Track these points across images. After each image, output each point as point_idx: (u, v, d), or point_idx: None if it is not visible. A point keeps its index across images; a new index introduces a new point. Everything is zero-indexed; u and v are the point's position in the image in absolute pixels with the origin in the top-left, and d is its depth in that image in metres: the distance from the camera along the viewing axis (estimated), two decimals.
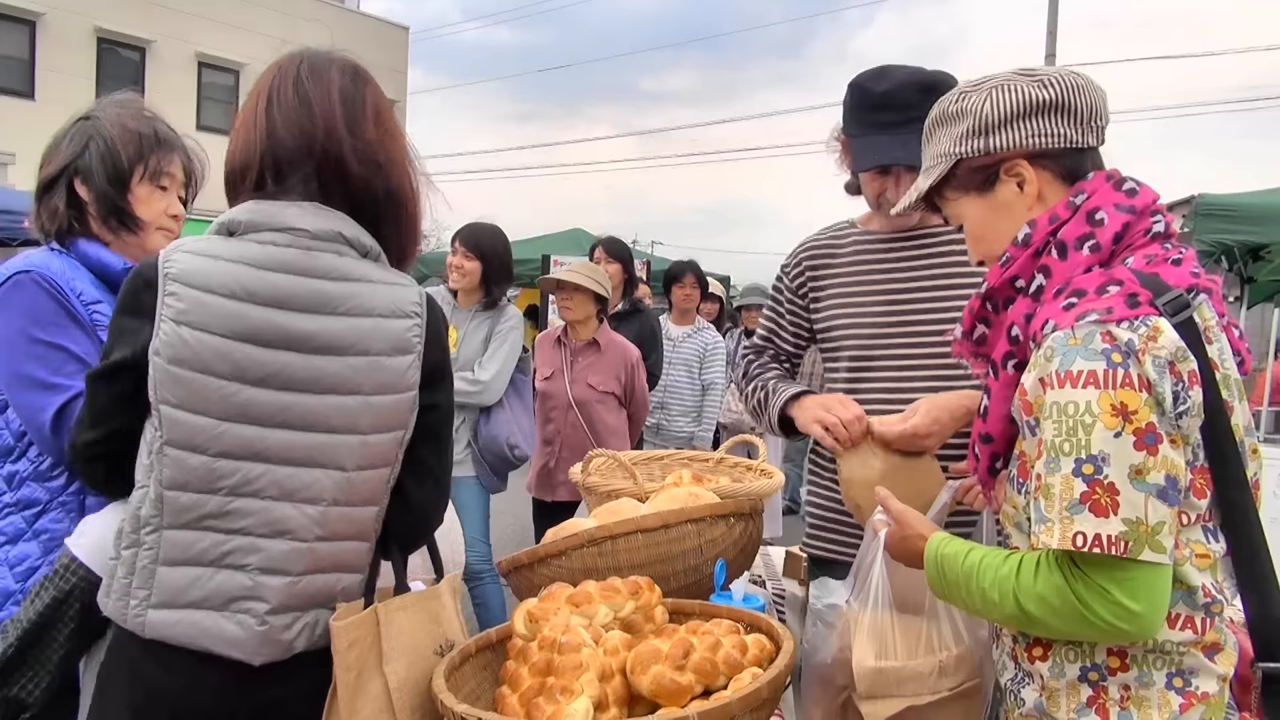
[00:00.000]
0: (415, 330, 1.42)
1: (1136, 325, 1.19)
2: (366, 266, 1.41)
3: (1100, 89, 1.37)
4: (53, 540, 1.67)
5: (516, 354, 3.76)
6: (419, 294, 1.45)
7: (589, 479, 2.24)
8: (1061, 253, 1.30)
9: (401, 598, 1.45)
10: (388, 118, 1.47)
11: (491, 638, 1.49)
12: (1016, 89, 1.35)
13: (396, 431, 1.41)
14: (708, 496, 1.85)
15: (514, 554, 1.73)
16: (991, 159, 1.38)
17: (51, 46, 18.59)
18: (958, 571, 1.34)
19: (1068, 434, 1.18)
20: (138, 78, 19.14)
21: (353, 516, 1.40)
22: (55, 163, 1.81)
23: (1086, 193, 1.32)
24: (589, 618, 1.40)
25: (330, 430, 1.35)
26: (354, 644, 1.35)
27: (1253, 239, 6.19)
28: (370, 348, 1.37)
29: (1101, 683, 1.26)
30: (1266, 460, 1.46)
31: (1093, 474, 1.16)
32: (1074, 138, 1.35)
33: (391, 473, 1.42)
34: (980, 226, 1.43)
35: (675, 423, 5.26)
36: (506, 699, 1.30)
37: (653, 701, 1.28)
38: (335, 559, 1.40)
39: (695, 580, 1.70)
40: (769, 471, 2.39)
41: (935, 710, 1.51)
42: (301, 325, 1.34)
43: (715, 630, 1.37)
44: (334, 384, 1.35)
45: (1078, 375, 1.18)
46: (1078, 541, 1.16)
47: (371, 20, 24.56)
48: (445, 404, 1.50)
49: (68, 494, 1.69)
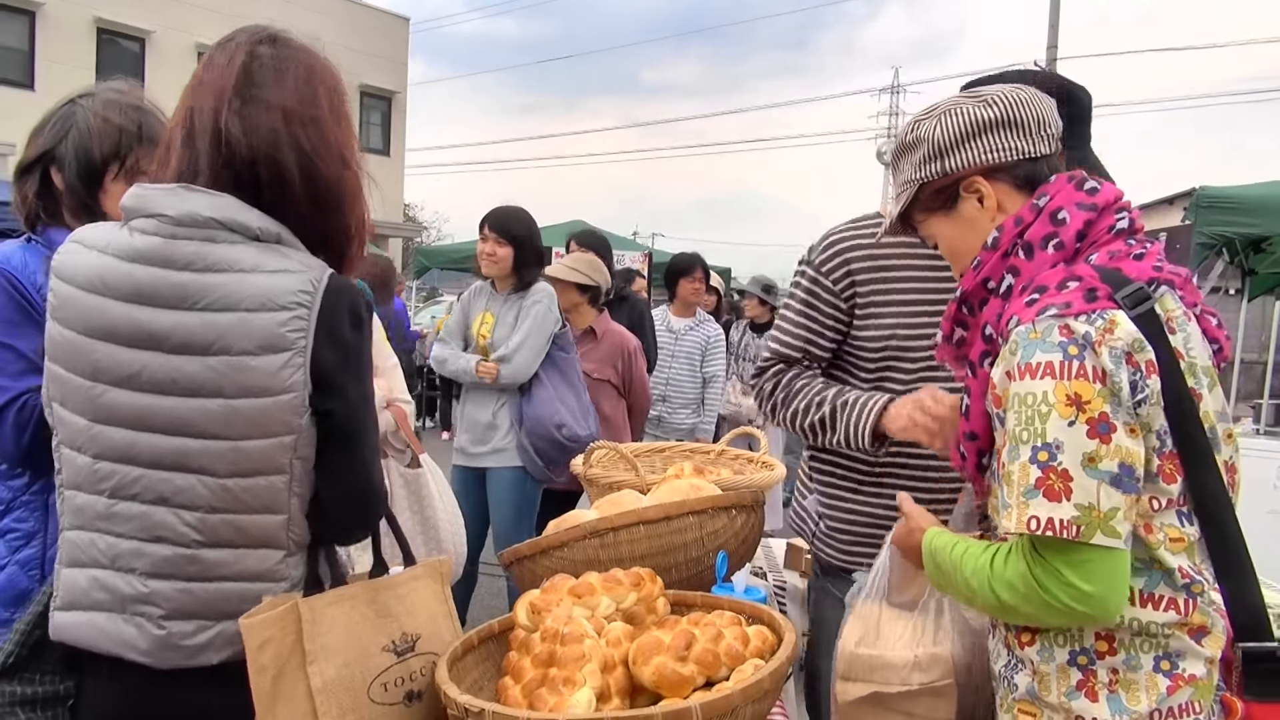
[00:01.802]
0: (295, 325, 1.25)
1: (1094, 318, 1.24)
2: (247, 253, 1.27)
3: (1046, 100, 1.47)
4: (18, 539, 1.66)
5: (546, 328, 3.63)
6: (311, 282, 1.27)
7: (590, 470, 2.25)
8: (1028, 253, 1.37)
9: (338, 590, 1.35)
10: (308, 87, 1.34)
11: (494, 629, 1.49)
12: (962, 111, 1.45)
13: (280, 437, 1.27)
14: (709, 488, 1.85)
15: (516, 545, 1.73)
16: (950, 179, 1.47)
17: (51, 37, 18.56)
18: (947, 561, 1.40)
19: (1026, 423, 1.24)
20: (138, 68, 19.12)
21: (242, 525, 1.29)
22: (35, 147, 1.76)
23: (1049, 195, 1.39)
24: (591, 609, 1.40)
25: (196, 435, 1.26)
26: (268, 643, 1.23)
27: (1253, 231, 6.18)
28: (231, 346, 1.24)
29: (1090, 666, 1.29)
30: (1269, 453, 1.48)
31: (1047, 460, 1.21)
32: (1024, 149, 1.44)
33: (290, 480, 1.29)
34: (951, 243, 1.52)
35: (676, 415, 5.25)
36: (509, 690, 1.30)
37: (655, 693, 1.28)
38: (234, 568, 1.29)
39: (697, 572, 1.70)
40: (770, 464, 2.40)
41: (903, 700, 1.56)
42: (159, 322, 1.25)
43: (717, 622, 1.37)
44: (193, 386, 1.25)
45: (1036, 367, 1.24)
46: (1031, 525, 1.21)
47: (372, 11, 24.48)
48: (350, 404, 1.32)
49: (31, 492, 1.67)
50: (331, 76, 1.39)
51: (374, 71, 22.87)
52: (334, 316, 1.28)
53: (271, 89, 1.31)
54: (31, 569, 1.67)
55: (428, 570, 1.47)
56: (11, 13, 18.29)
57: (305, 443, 1.29)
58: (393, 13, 25.59)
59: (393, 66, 24.68)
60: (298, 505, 1.32)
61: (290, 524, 1.32)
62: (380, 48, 23.35)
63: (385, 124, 24.98)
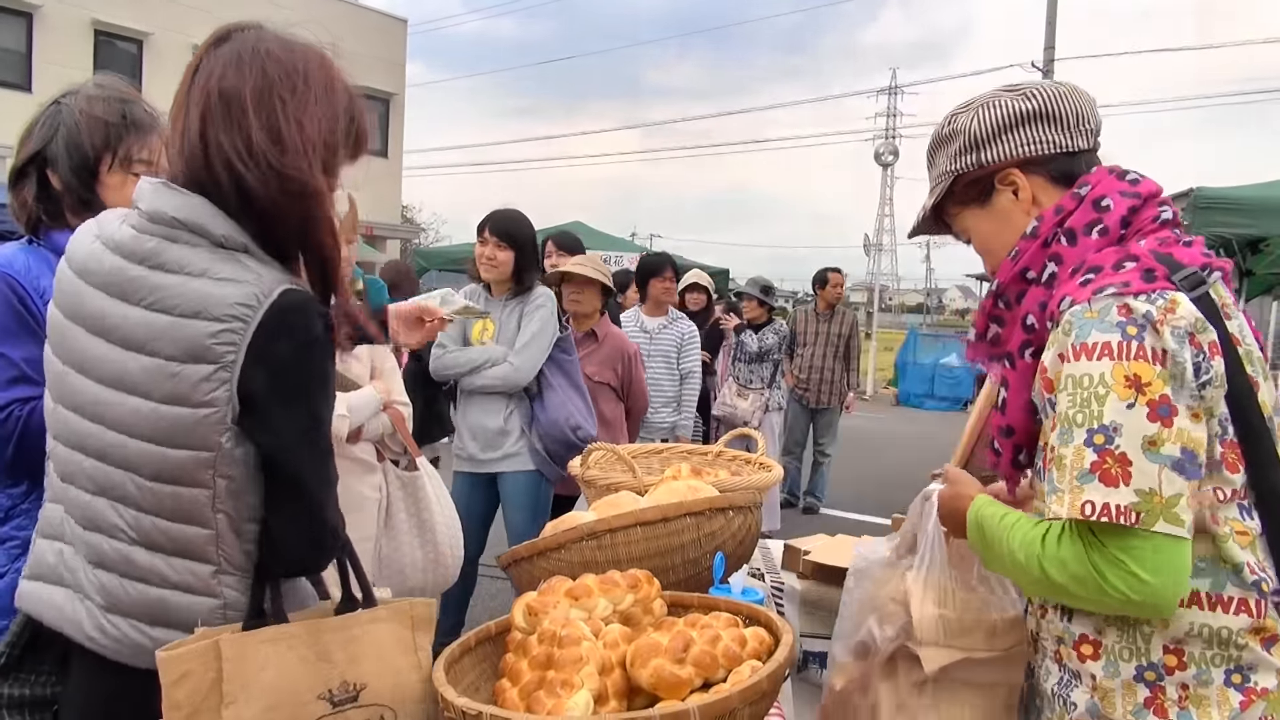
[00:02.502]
0: (226, 338, 1.18)
1: (1154, 298, 1.20)
2: (200, 257, 1.22)
3: (1086, 96, 1.44)
4: (17, 547, 1.65)
5: (548, 331, 3.61)
6: (255, 296, 1.19)
7: (588, 472, 2.25)
8: (1070, 239, 1.33)
9: (277, 628, 1.24)
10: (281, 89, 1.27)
11: (491, 630, 1.49)
12: (1001, 104, 1.43)
13: (198, 452, 1.21)
14: (707, 490, 1.85)
15: (513, 548, 1.73)
16: (985, 171, 1.45)
17: (48, 39, 18.52)
18: (995, 530, 1.35)
19: (1081, 405, 1.19)
20: (135, 70, 19.09)
21: (169, 532, 1.25)
22: (26, 150, 1.75)
23: (1090, 184, 1.37)
24: (588, 611, 1.40)
25: (130, 434, 1.23)
26: (184, 678, 1.16)
27: (1251, 232, 6.19)
28: (159, 349, 1.20)
29: (1159, 682, 1.24)
30: None
31: (1104, 444, 1.17)
32: (1062, 142, 1.41)
33: (213, 496, 1.23)
34: (985, 237, 1.49)
35: (657, 414, 5.24)
36: (506, 692, 1.30)
37: (652, 694, 1.28)
38: (165, 575, 1.26)
39: (694, 573, 1.70)
40: (767, 465, 2.40)
41: (984, 668, 1.51)
42: (111, 314, 1.24)
43: (714, 623, 1.37)
44: (130, 383, 1.22)
45: (1093, 347, 1.20)
46: (1085, 510, 1.17)
47: (370, 13, 24.46)
48: (280, 435, 1.23)
49: (30, 501, 1.66)
50: (308, 80, 1.30)
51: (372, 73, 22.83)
52: (273, 336, 1.20)
53: (243, 94, 1.25)
54: None
55: (393, 613, 1.34)
56: (8, 14, 18.25)
57: (227, 462, 1.22)
58: (390, 14, 25.58)
59: (391, 68, 24.64)
60: (226, 523, 1.25)
61: (219, 541, 1.25)
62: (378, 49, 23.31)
63: (383, 126, 24.92)
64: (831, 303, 7.72)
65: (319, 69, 1.32)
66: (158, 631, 1.26)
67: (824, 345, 7.54)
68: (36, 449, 1.58)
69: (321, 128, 1.30)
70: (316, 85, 1.30)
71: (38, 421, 1.58)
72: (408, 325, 2.07)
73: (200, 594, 1.27)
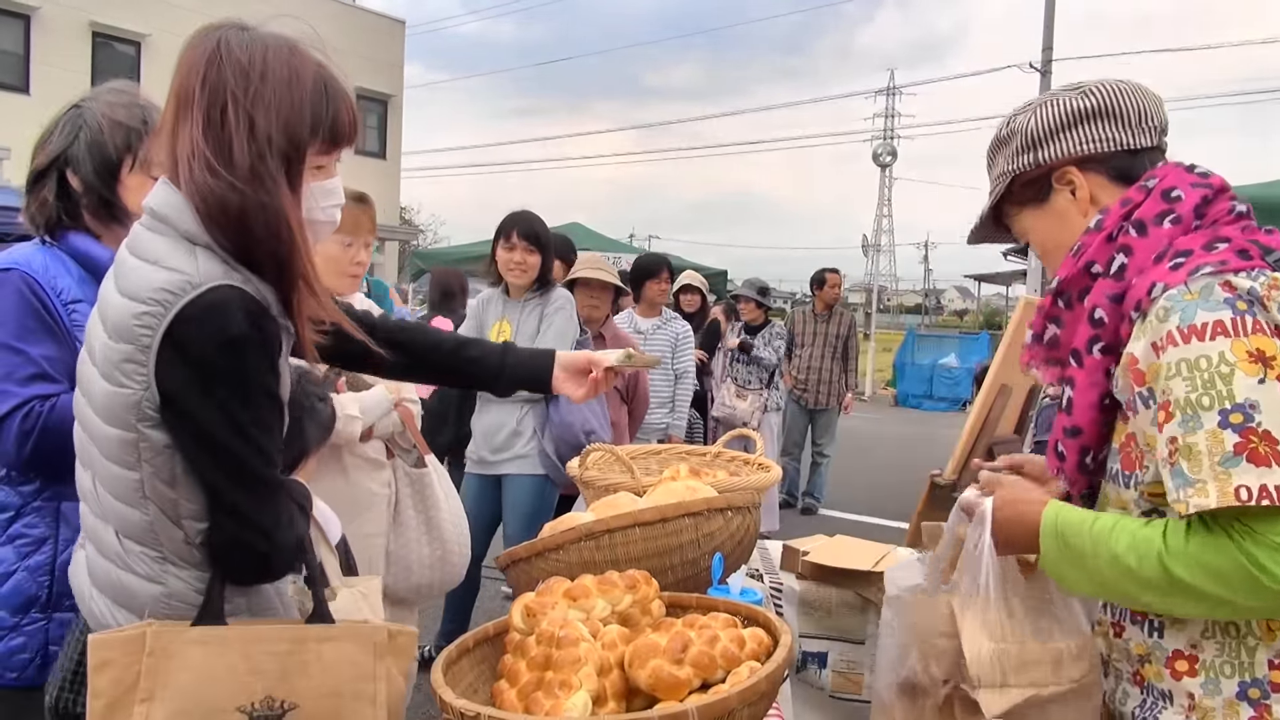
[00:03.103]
0: (145, 320, 1.19)
1: (1255, 275, 1.16)
2: (162, 246, 1.25)
3: (1152, 94, 1.40)
4: (28, 544, 1.66)
5: (569, 333, 3.59)
6: (182, 285, 1.19)
7: (586, 473, 2.25)
8: (1140, 230, 1.29)
9: (212, 629, 1.21)
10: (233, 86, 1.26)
11: (489, 631, 1.49)
12: (1059, 101, 1.40)
13: (123, 432, 1.23)
14: (705, 490, 1.85)
15: (512, 548, 1.73)
16: (1042, 170, 1.42)
17: (46, 41, 18.52)
18: (1086, 538, 1.23)
19: (1204, 387, 1.12)
20: (133, 72, 19.08)
21: (118, 510, 1.27)
22: (46, 153, 1.77)
23: (1158, 176, 1.33)
24: (586, 612, 1.40)
25: (91, 406, 1.27)
26: (106, 665, 1.15)
27: None
28: (107, 325, 1.25)
29: (1264, 700, 1.17)
30: None
31: (1243, 423, 1.09)
32: (1123, 140, 1.37)
33: (140, 483, 1.24)
34: (1042, 238, 1.46)
35: (652, 415, 5.17)
36: (504, 693, 1.30)
37: (651, 695, 1.28)
38: (120, 555, 1.27)
39: (693, 574, 1.70)
40: (766, 465, 2.40)
41: (1055, 706, 1.33)
42: (104, 294, 1.30)
43: (713, 624, 1.37)
44: (95, 356, 1.27)
45: (1203, 328, 1.14)
46: (1242, 495, 1.08)
47: (368, 14, 24.48)
48: (197, 434, 1.21)
49: (42, 498, 1.67)
50: (265, 74, 1.28)
51: (370, 75, 22.84)
52: (191, 328, 1.19)
53: (194, 94, 1.26)
54: (41, 575, 1.66)
55: (351, 634, 1.27)
56: (6, 16, 18.25)
57: (150, 449, 1.23)
58: (388, 15, 25.59)
59: (389, 69, 24.64)
60: (157, 512, 1.25)
61: (155, 528, 1.25)
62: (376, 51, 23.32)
63: (381, 127, 24.94)
64: (829, 303, 7.73)
65: (283, 62, 1.30)
66: (121, 614, 1.28)
67: (822, 346, 7.55)
68: (52, 447, 1.59)
69: (279, 120, 1.28)
70: (275, 78, 1.28)
71: (55, 419, 1.59)
72: (573, 377, 1.82)
73: (150, 581, 1.28)
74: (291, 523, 1.32)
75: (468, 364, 1.77)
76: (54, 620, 1.66)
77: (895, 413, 17.49)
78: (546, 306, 3.61)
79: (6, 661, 1.65)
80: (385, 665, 1.27)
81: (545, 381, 1.80)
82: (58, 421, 1.59)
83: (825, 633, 2.31)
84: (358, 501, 2.55)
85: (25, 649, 1.66)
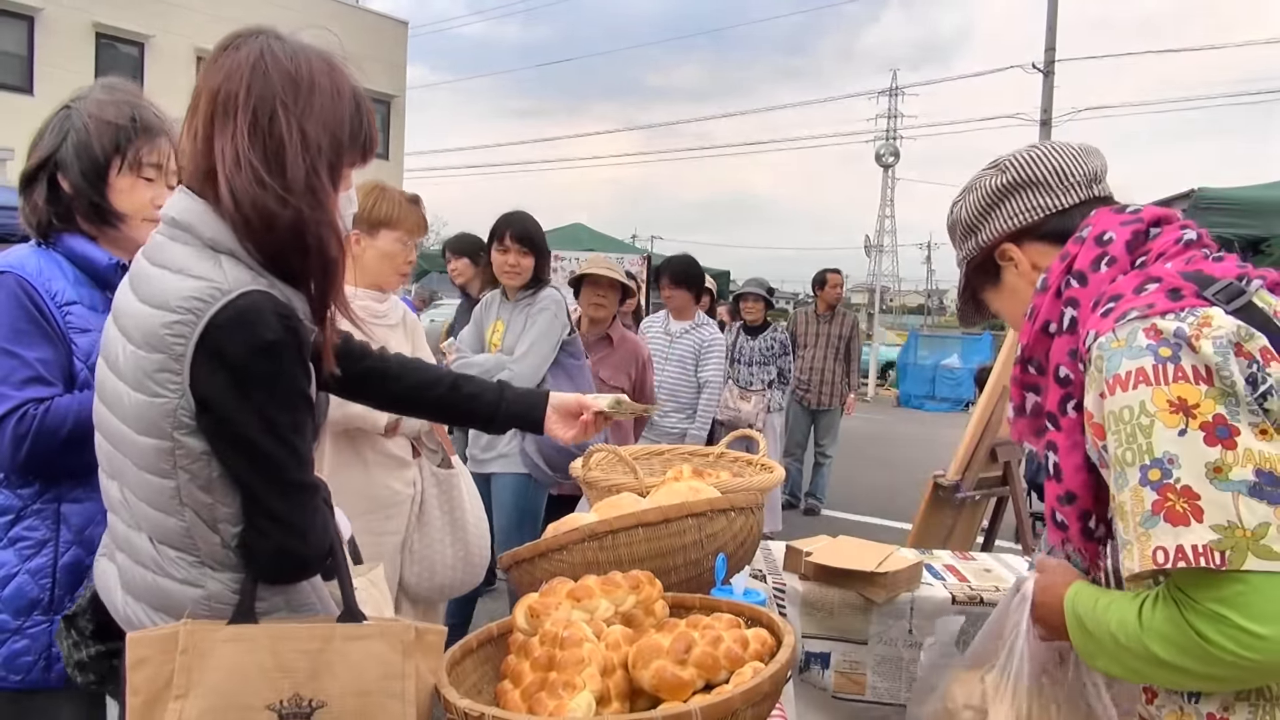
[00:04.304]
0: (177, 329, 1.20)
1: (1183, 315, 1.10)
2: (187, 255, 1.25)
3: (1069, 149, 1.41)
4: (29, 547, 1.66)
5: (553, 333, 3.53)
6: (211, 292, 1.20)
7: (590, 474, 2.25)
8: (1081, 280, 1.28)
9: (241, 628, 1.23)
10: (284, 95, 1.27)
11: (492, 632, 1.49)
12: (981, 185, 1.45)
13: (159, 441, 1.23)
14: (708, 491, 1.85)
15: (515, 549, 1.73)
16: (984, 252, 1.47)
17: (50, 42, 18.55)
18: (1094, 618, 1.19)
19: (1127, 442, 1.08)
20: (137, 73, 19.13)
21: (153, 519, 1.28)
22: (36, 155, 1.76)
23: (1090, 225, 1.34)
24: (590, 612, 1.40)
25: (120, 417, 1.27)
26: (143, 663, 1.18)
27: (1252, 232, 6.17)
28: (134, 337, 1.25)
29: None
30: None
31: (1160, 479, 1.04)
32: (1047, 204, 1.40)
33: (177, 489, 1.24)
34: (1007, 314, 1.50)
35: (668, 419, 5.03)
36: (508, 694, 1.30)
37: (654, 696, 1.28)
38: (156, 562, 1.28)
39: (696, 574, 1.70)
40: (769, 466, 2.40)
41: None
42: (125, 304, 1.30)
43: (716, 624, 1.37)
44: (120, 368, 1.27)
45: (1126, 376, 1.09)
46: (1158, 558, 1.03)
47: (370, 15, 24.51)
48: (234, 438, 1.22)
49: (43, 501, 1.67)
50: (313, 86, 1.30)
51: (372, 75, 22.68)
52: (225, 334, 1.19)
53: (240, 100, 1.26)
54: (42, 578, 1.67)
55: (381, 634, 1.27)
56: (10, 17, 18.28)
57: (187, 456, 1.23)
58: (391, 16, 25.62)
59: (391, 70, 24.68)
60: (194, 518, 1.26)
61: (193, 534, 1.26)
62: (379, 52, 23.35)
63: (384, 128, 24.96)
64: (831, 304, 7.73)
65: (325, 74, 1.32)
66: (159, 618, 1.29)
67: (824, 347, 7.55)
68: (47, 450, 1.59)
69: (327, 132, 1.30)
70: (322, 91, 1.31)
71: (51, 422, 1.59)
72: (564, 419, 1.82)
73: (189, 585, 1.29)
74: (325, 522, 1.34)
75: (466, 400, 1.77)
76: (56, 622, 1.65)
77: (898, 413, 17.48)
78: (533, 305, 3.59)
79: (10, 664, 1.65)
80: (414, 663, 1.27)
81: (538, 421, 1.81)
82: (53, 424, 1.60)
83: (828, 633, 2.31)
84: (377, 498, 2.56)
85: (28, 651, 1.66)
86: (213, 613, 1.28)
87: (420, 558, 2.64)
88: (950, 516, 3.98)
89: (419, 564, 2.64)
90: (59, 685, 1.66)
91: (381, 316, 2.71)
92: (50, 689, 1.67)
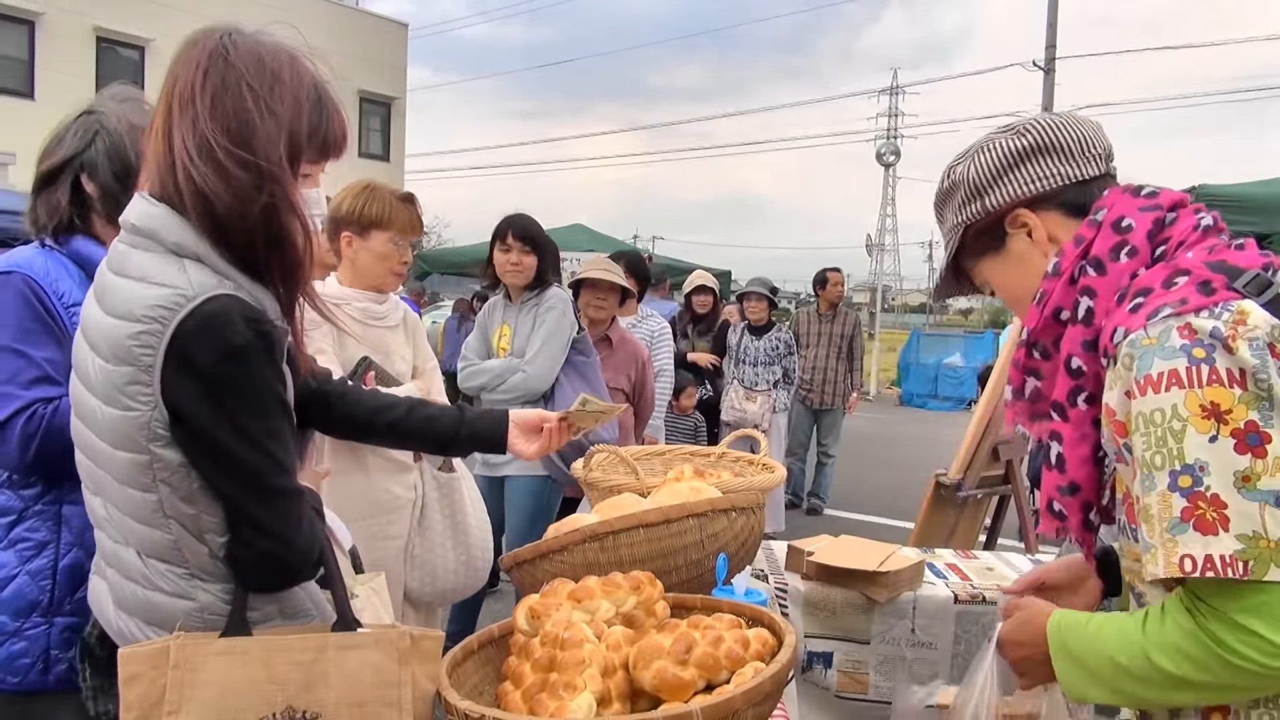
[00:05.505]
0: (144, 340, 1.17)
1: (1218, 311, 1.07)
2: (150, 262, 1.22)
3: (1089, 121, 1.36)
4: (29, 549, 1.65)
5: (563, 332, 3.55)
6: (176, 299, 1.17)
7: (591, 474, 2.25)
8: (1099, 268, 1.23)
9: (233, 640, 1.21)
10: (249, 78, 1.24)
11: (493, 633, 1.49)
12: (996, 145, 1.36)
13: (135, 455, 1.21)
14: (709, 491, 1.84)
15: (516, 550, 1.73)
16: (993, 217, 1.37)
17: (51, 46, 18.59)
18: (1083, 642, 1.16)
19: (1157, 445, 1.06)
20: (137, 77, 19.15)
21: (139, 533, 1.26)
22: (59, 155, 1.77)
23: (1105, 207, 1.28)
24: (591, 613, 1.40)
25: (96, 432, 1.26)
26: (135, 679, 1.16)
27: (1255, 229, 6.15)
28: (101, 349, 1.22)
29: None
30: None
31: (1191, 486, 1.02)
32: (1069, 173, 1.33)
33: (160, 502, 1.23)
34: (1007, 286, 1.41)
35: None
36: (509, 695, 1.30)
37: (655, 696, 1.28)
38: (145, 576, 1.27)
39: (697, 575, 1.70)
40: (771, 466, 2.40)
41: None
42: (91, 317, 1.27)
43: (717, 625, 1.37)
44: (91, 383, 1.25)
45: (1159, 378, 1.06)
46: (1186, 566, 1.01)
47: (370, 17, 24.54)
48: (209, 447, 1.20)
49: (44, 502, 1.67)
50: (277, 73, 1.28)
51: (373, 77, 22.88)
52: (192, 342, 1.17)
53: (198, 90, 1.24)
54: (43, 579, 1.66)
55: (374, 641, 1.25)
56: (10, 22, 18.32)
57: (166, 469, 1.22)
58: (391, 18, 25.66)
59: (392, 72, 24.71)
60: (180, 530, 1.25)
61: (181, 546, 1.26)
62: (379, 53, 23.38)
63: (384, 129, 25.00)
64: (833, 303, 7.73)
65: (288, 65, 1.30)
66: (152, 632, 1.28)
67: (826, 346, 7.54)
68: (56, 449, 1.59)
69: (288, 119, 1.28)
70: (286, 79, 1.29)
71: (59, 422, 1.59)
72: (526, 434, 1.77)
73: (179, 598, 1.28)
74: (311, 528, 1.32)
75: (423, 423, 1.70)
76: (55, 625, 1.65)
77: (900, 412, 17.47)
78: (540, 307, 3.59)
79: (8, 666, 1.65)
80: (410, 670, 1.25)
81: (500, 441, 1.75)
82: (61, 424, 1.59)
83: (830, 633, 2.30)
84: (377, 502, 2.56)
85: (26, 654, 1.65)
86: (205, 624, 1.26)
87: (422, 562, 2.63)
88: (952, 515, 3.97)
89: (421, 568, 2.63)
90: (57, 687, 1.65)
91: (381, 318, 2.70)
92: (48, 691, 1.66)
